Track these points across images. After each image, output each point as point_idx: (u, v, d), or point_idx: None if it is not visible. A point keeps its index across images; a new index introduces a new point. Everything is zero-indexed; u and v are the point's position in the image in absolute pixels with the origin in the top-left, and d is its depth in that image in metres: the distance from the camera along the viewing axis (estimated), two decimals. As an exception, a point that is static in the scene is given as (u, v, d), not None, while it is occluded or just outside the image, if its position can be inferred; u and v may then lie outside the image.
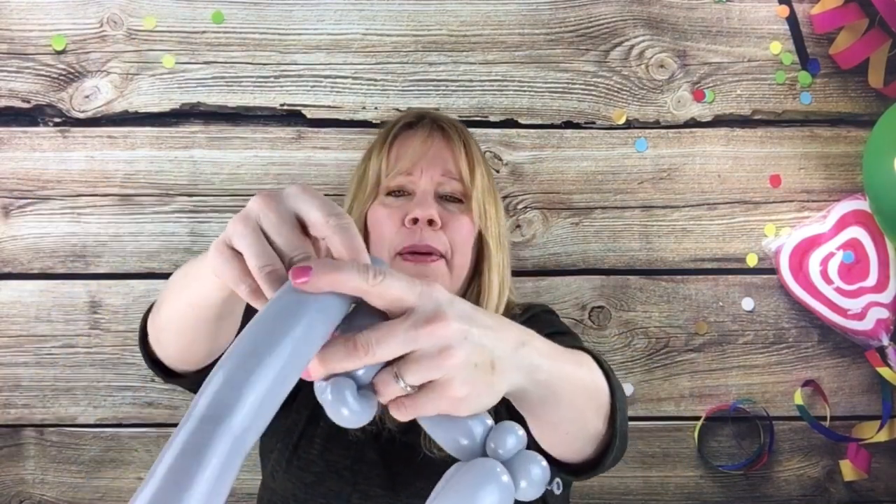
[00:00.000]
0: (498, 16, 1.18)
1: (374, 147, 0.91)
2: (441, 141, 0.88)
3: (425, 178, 0.84)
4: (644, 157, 1.19)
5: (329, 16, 1.17)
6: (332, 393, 0.37)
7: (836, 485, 1.20)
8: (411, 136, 0.88)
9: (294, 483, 0.80)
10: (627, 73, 1.19)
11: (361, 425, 0.38)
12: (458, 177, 0.86)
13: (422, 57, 1.18)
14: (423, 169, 0.85)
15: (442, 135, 0.88)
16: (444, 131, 0.89)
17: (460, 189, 0.86)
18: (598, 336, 1.19)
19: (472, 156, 0.88)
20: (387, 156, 0.87)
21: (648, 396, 1.19)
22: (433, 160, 0.85)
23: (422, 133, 0.88)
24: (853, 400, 1.20)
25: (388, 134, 0.89)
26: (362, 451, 0.80)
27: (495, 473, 0.38)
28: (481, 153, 0.92)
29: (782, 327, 1.20)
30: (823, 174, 1.20)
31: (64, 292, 1.16)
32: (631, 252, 1.19)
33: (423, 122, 0.90)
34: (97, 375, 1.16)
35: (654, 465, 1.19)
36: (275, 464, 0.82)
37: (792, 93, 1.20)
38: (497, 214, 0.90)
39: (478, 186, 0.86)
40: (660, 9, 1.19)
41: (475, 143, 0.92)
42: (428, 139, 0.87)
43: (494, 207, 0.89)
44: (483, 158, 0.92)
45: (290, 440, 0.82)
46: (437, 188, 0.85)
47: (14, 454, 1.17)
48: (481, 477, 0.38)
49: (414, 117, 0.92)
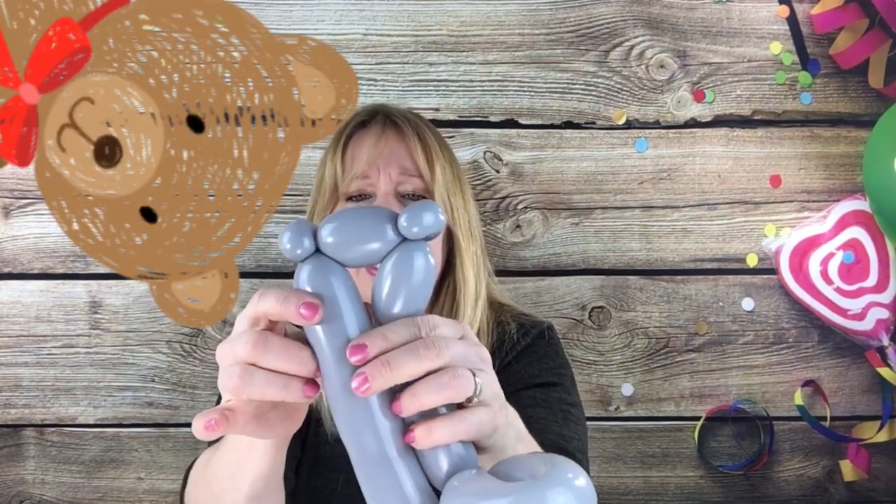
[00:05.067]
0: (498, 16, 1.18)
1: (328, 151, 0.86)
2: (395, 137, 0.83)
3: (383, 178, 0.80)
4: (644, 158, 1.19)
5: (329, 16, 1.17)
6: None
7: (836, 485, 1.20)
8: (364, 135, 0.84)
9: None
10: (627, 73, 1.19)
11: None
12: (416, 173, 0.81)
13: (422, 57, 1.18)
14: (380, 169, 0.80)
15: (395, 131, 0.84)
16: (397, 127, 0.84)
17: (422, 186, 0.82)
18: (598, 336, 1.19)
19: (429, 149, 0.83)
20: (341, 160, 0.82)
21: (648, 396, 1.19)
22: (389, 159, 0.81)
23: (374, 131, 0.83)
24: (853, 400, 1.20)
25: (341, 136, 0.85)
26: (350, 472, 0.77)
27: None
28: (442, 143, 0.86)
29: (782, 327, 1.20)
30: (823, 174, 1.20)
31: (64, 292, 1.16)
32: (631, 252, 1.19)
33: (376, 118, 0.85)
34: (97, 375, 1.16)
35: (654, 465, 1.19)
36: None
37: (792, 93, 1.20)
38: (465, 205, 0.85)
39: (439, 180, 0.81)
40: (660, 9, 1.19)
41: (434, 134, 0.86)
42: (381, 138, 0.82)
43: (461, 198, 0.84)
44: (443, 148, 0.86)
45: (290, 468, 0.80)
46: (398, 187, 0.81)
47: (14, 454, 1.17)
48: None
49: (366, 115, 0.87)
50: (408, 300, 0.40)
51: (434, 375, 0.38)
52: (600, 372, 1.19)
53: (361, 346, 0.38)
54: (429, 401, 0.38)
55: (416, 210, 0.39)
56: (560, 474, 0.36)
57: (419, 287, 0.40)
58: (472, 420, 0.39)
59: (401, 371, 0.37)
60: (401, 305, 0.40)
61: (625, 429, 1.19)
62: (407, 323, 0.39)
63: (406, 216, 0.39)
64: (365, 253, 0.40)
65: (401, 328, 0.39)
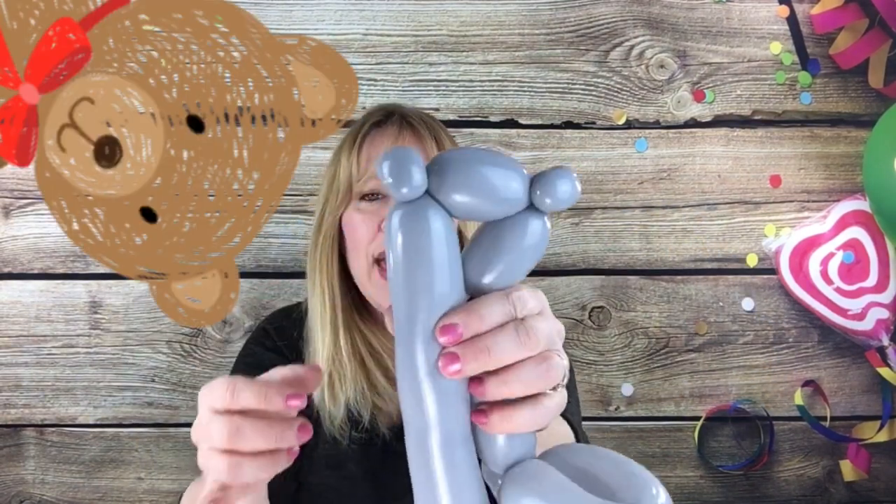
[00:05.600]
0: (498, 16, 1.18)
1: (342, 148, 0.86)
2: (412, 138, 0.84)
3: None
4: (644, 158, 1.19)
5: (329, 16, 1.17)
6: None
7: (836, 485, 1.20)
8: (380, 135, 0.84)
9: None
10: (627, 73, 1.19)
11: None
12: None
13: (422, 57, 1.18)
14: None
15: (412, 132, 0.84)
16: (413, 128, 0.84)
17: None
18: (598, 336, 1.19)
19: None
20: (357, 158, 0.83)
21: (648, 396, 1.19)
22: None
23: (391, 132, 0.84)
24: (853, 400, 1.20)
25: (357, 134, 0.85)
26: (346, 467, 0.78)
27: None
28: (455, 146, 0.88)
29: (782, 327, 1.20)
30: (823, 174, 1.20)
31: (64, 292, 1.16)
32: (631, 252, 1.19)
33: (392, 119, 0.86)
34: (97, 375, 1.16)
35: (654, 465, 1.19)
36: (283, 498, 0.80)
37: (792, 93, 1.20)
38: None
39: None
40: (660, 9, 1.19)
41: (448, 136, 0.87)
42: (398, 138, 0.83)
43: None
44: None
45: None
46: None
47: (14, 454, 1.17)
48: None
49: (382, 115, 0.87)
50: (506, 273, 0.35)
51: (531, 364, 0.35)
52: (600, 372, 1.19)
53: (453, 325, 0.33)
54: (520, 390, 0.35)
55: (552, 178, 0.34)
56: (646, 498, 0.33)
57: (525, 262, 0.35)
58: (552, 408, 0.36)
59: (500, 358, 0.34)
60: (496, 277, 0.35)
61: (625, 429, 1.19)
62: (501, 300, 0.35)
63: (542, 186, 0.34)
64: (484, 209, 0.34)
65: (496, 306, 0.34)
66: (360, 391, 0.77)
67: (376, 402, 0.78)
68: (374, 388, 0.78)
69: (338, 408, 0.77)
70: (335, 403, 0.77)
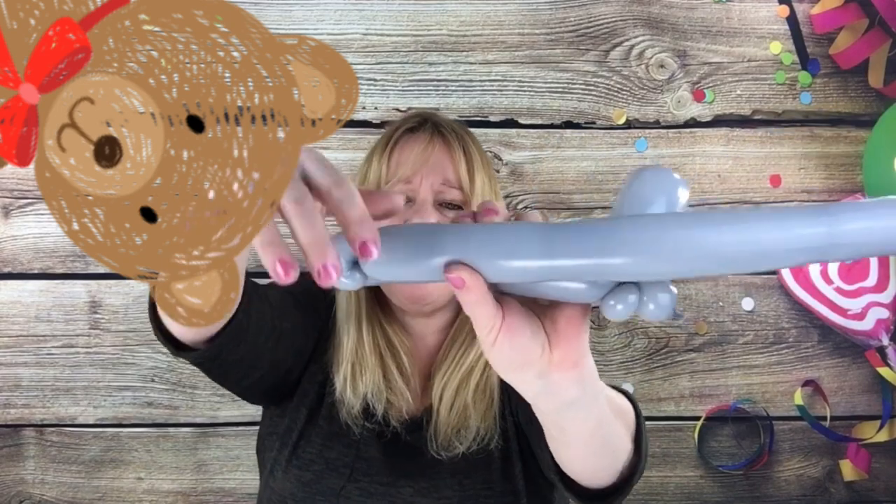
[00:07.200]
0: (498, 16, 1.18)
1: (375, 150, 0.90)
2: (442, 148, 0.87)
3: (425, 186, 0.84)
4: (644, 157, 1.19)
5: (329, 16, 1.17)
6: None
7: (836, 485, 1.20)
8: (412, 141, 0.87)
9: (293, 482, 0.80)
10: (627, 73, 1.19)
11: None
12: (457, 185, 0.86)
13: (422, 57, 1.18)
14: (423, 177, 0.84)
15: (443, 141, 0.87)
16: (444, 137, 0.88)
17: (460, 197, 0.86)
18: (598, 336, 1.19)
19: (472, 163, 0.87)
20: (387, 162, 0.86)
21: (648, 396, 1.19)
22: (433, 168, 0.85)
23: (422, 139, 0.87)
24: (853, 400, 1.20)
25: (390, 139, 0.89)
26: (363, 448, 0.80)
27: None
28: (483, 157, 0.92)
29: (782, 327, 1.20)
30: (823, 174, 1.20)
31: (64, 292, 1.16)
32: (631, 252, 1.19)
33: (425, 126, 0.89)
34: (97, 375, 1.16)
35: (654, 465, 1.19)
36: (274, 464, 0.82)
37: (792, 93, 1.20)
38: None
39: (477, 194, 0.85)
40: (660, 9, 1.19)
41: (477, 147, 0.91)
42: (429, 146, 0.86)
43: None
44: (484, 162, 0.91)
45: (289, 439, 0.82)
46: (437, 196, 0.85)
47: (14, 454, 1.17)
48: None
49: (416, 122, 0.90)
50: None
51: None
52: (600, 372, 1.18)
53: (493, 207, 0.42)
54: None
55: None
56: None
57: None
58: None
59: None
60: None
61: (625, 429, 1.19)
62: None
63: (651, 306, 0.36)
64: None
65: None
66: (377, 384, 0.80)
67: (389, 398, 0.81)
68: (388, 384, 0.81)
69: (357, 398, 0.80)
70: (355, 394, 0.80)
